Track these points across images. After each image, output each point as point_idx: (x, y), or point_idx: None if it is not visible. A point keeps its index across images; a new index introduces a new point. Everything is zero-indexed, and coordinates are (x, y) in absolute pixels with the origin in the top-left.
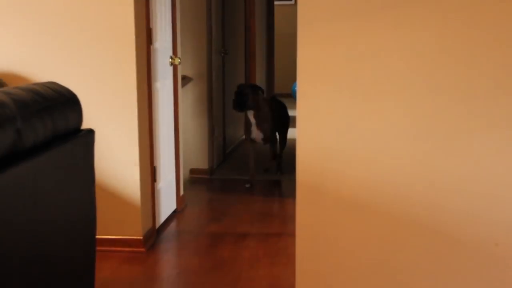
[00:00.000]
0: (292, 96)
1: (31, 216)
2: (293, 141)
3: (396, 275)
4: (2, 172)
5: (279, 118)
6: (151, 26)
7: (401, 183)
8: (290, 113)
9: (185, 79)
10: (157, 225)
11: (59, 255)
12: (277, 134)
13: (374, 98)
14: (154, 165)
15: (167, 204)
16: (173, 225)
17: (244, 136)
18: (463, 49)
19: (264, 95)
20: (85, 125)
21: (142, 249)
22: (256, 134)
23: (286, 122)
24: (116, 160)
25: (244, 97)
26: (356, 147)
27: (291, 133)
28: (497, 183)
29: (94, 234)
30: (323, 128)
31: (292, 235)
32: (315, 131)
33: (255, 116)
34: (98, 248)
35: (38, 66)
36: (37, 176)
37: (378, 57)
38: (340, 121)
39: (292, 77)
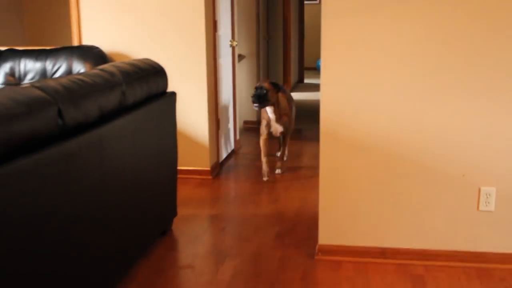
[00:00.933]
0: (316, 69)
1: (132, 152)
2: (317, 101)
3: (390, 196)
4: (112, 121)
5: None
6: (216, 19)
7: (396, 131)
8: (316, 81)
9: (240, 57)
10: (220, 160)
11: (152, 180)
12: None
13: (375, 72)
14: (218, 117)
15: (227, 145)
16: (231, 160)
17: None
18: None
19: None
20: (169, 89)
21: (209, 177)
22: (275, 128)
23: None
24: (191, 113)
25: (264, 93)
26: (363, 105)
27: (315, 95)
28: (468, 131)
29: (176, 166)
30: (339, 92)
31: (317, 168)
32: (333, 94)
33: (275, 112)
34: (178, 176)
35: (137, 47)
36: (136, 124)
37: (378, 40)
38: (351, 87)
39: (316, 55)
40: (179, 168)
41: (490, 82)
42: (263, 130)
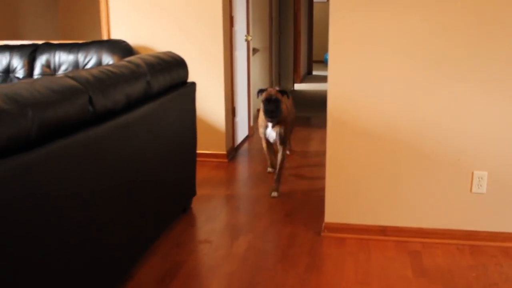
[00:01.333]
0: (324, 62)
1: (156, 137)
2: (324, 92)
3: (391, 178)
4: (138, 109)
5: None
6: (232, 15)
7: (397, 118)
8: (324, 73)
9: (254, 50)
10: (236, 145)
11: (174, 163)
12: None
13: (377, 64)
14: (234, 105)
15: (242, 131)
16: (246, 145)
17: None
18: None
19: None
20: (190, 79)
21: (226, 160)
22: (271, 134)
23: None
24: (210, 102)
25: (278, 106)
26: (366, 94)
27: (322, 86)
28: (463, 119)
29: (195, 149)
30: (345, 83)
31: (324, 152)
32: (340, 84)
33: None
34: (197, 159)
35: (160, 41)
36: (160, 111)
37: (382, 35)
38: (356, 78)
39: (324, 49)
40: (198, 151)
41: (484, 74)
42: (262, 134)
